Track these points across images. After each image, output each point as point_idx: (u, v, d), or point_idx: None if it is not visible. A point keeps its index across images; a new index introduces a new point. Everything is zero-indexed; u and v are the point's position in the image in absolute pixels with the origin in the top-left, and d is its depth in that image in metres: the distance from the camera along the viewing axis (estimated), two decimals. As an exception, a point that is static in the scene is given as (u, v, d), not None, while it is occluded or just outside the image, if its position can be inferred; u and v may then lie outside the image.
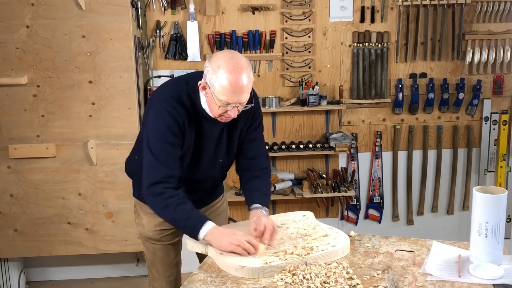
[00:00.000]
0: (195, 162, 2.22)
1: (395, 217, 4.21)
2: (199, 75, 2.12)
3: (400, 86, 3.94)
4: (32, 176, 3.42)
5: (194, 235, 2.05)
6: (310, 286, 1.79)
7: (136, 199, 2.40)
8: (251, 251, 1.98)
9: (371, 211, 4.19)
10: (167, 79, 3.79)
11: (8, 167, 3.40)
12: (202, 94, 2.10)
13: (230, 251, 1.99)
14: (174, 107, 2.08)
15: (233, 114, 2.05)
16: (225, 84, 1.97)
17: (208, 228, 2.03)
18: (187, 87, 2.13)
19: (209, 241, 2.04)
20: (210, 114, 2.11)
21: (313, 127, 4.00)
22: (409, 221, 4.22)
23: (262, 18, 3.81)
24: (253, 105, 2.11)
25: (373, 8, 3.87)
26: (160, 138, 2.08)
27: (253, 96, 2.13)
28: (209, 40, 3.78)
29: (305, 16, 3.83)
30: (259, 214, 2.16)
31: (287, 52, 3.86)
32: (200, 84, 2.06)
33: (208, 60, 2.05)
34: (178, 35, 3.75)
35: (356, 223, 4.18)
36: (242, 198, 2.41)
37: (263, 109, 3.77)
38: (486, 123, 4.09)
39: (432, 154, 4.13)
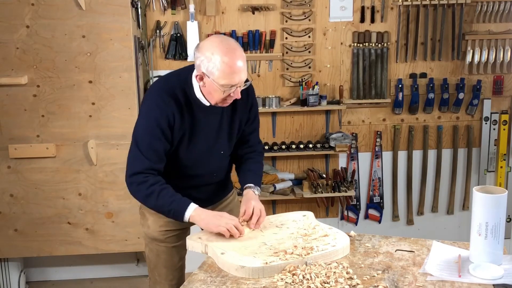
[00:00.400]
0: (193, 154, 2.23)
1: (395, 217, 4.21)
2: (189, 67, 2.17)
3: (400, 86, 3.94)
4: (32, 176, 3.42)
5: (180, 217, 2.11)
6: (310, 286, 1.79)
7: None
8: (236, 236, 2.08)
9: (371, 211, 4.19)
10: (167, 79, 3.82)
11: (8, 167, 3.40)
12: (197, 85, 2.13)
13: (217, 232, 2.09)
14: (164, 100, 2.12)
15: (236, 95, 2.09)
16: (224, 68, 2.00)
17: (192, 209, 2.10)
18: (179, 79, 2.17)
19: (195, 222, 2.13)
20: (206, 103, 2.15)
21: (313, 127, 4.00)
22: (409, 221, 4.22)
23: (262, 18, 3.81)
24: (251, 81, 2.17)
25: (373, 8, 3.87)
26: (147, 131, 2.13)
27: (250, 84, 2.20)
28: (209, 40, 3.78)
29: (305, 16, 3.83)
30: (250, 195, 2.24)
31: (287, 52, 3.86)
32: (196, 76, 2.09)
33: (196, 50, 2.07)
34: (178, 35, 3.75)
35: (356, 223, 4.18)
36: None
37: (263, 109, 3.79)
38: (486, 123, 4.09)
39: (432, 154, 4.13)
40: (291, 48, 3.86)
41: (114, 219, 3.51)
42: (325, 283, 1.81)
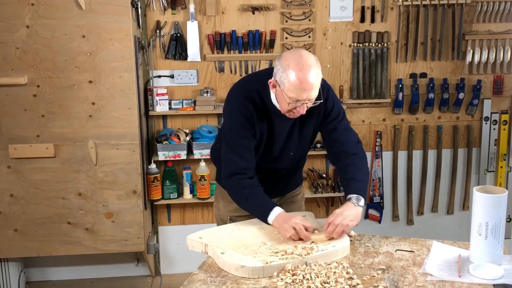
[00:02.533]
0: (266, 153, 2.34)
1: (395, 217, 4.21)
2: (270, 72, 2.22)
3: (400, 86, 3.94)
4: (32, 176, 3.42)
5: (265, 221, 2.23)
6: (310, 286, 1.79)
7: (217, 183, 2.58)
8: (305, 238, 2.10)
9: (371, 211, 4.19)
10: (167, 79, 3.83)
11: (8, 167, 3.40)
12: (272, 91, 2.20)
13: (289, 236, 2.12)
14: (244, 105, 2.22)
15: (301, 110, 2.15)
16: (294, 82, 2.07)
17: (273, 216, 2.19)
18: (258, 84, 2.25)
19: (275, 224, 2.20)
20: (280, 109, 2.22)
21: (313, 127, 3.99)
22: (409, 221, 4.22)
23: (262, 18, 3.80)
24: (321, 101, 2.20)
25: (373, 8, 3.87)
26: (235, 133, 2.26)
27: (326, 91, 2.27)
28: (209, 40, 3.78)
29: (305, 16, 3.83)
30: (345, 206, 2.19)
31: (287, 52, 3.86)
32: (270, 82, 2.18)
33: (278, 59, 2.16)
34: (178, 35, 3.75)
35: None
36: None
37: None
38: (486, 123, 4.09)
39: (432, 154, 4.13)
40: (291, 48, 3.86)
41: (114, 219, 3.51)
42: (325, 283, 1.82)
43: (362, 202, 2.21)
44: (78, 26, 3.28)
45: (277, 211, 2.20)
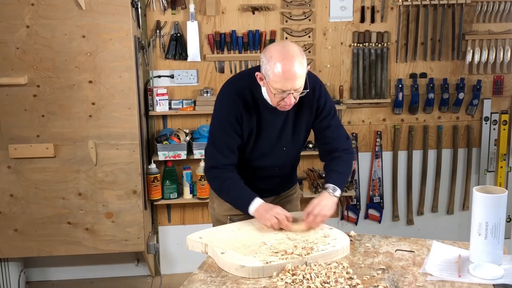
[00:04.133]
0: (259, 148, 2.35)
1: (395, 217, 4.21)
2: (259, 68, 2.24)
3: (400, 86, 3.94)
4: (32, 176, 3.42)
5: (246, 212, 2.28)
6: (310, 286, 1.79)
7: None
8: (286, 226, 2.18)
9: (371, 211, 4.19)
10: (167, 79, 3.83)
11: (8, 167, 3.40)
12: (261, 84, 2.22)
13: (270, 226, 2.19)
14: (233, 102, 2.25)
15: (289, 101, 2.15)
16: (277, 72, 2.09)
17: (254, 206, 2.24)
18: (249, 80, 2.27)
19: (257, 217, 2.25)
20: (271, 103, 2.23)
21: (313, 127, 3.99)
22: (409, 221, 4.22)
23: (262, 18, 3.80)
24: (307, 90, 2.19)
25: (373, 8, 3.87)
26: (221, 130, 2.29)
27: (319, 88, 2.31)
28: (209, 40, 3.78)
29: (305, 16, 3.83)
30: (321, 196, 2.26)
31: (287, 52, 3.85)
32: (257, 75, 2.20)
33: (263, 52, 2.18)
34: (178, 35, 3.75)
35: (356, 223, 4.18)
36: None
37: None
38: (486, 123, 4.09)
39: (432, 154, 4.13)
40: (291, 48, 3.85)
41: (114, 219, 3.51)
42: (325, 283, 1.82)
43: (338, 192, 2.28)
44: (78, 26, 3.28)
45: (258, 202, 2.24)
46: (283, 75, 2.08)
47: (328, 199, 2.24)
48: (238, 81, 2.35)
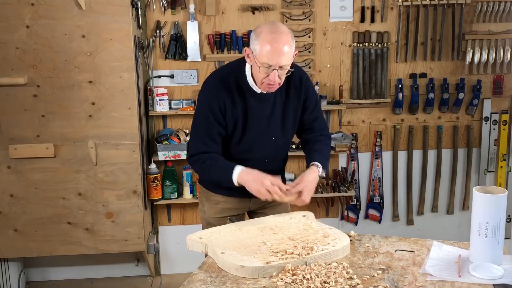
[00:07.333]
0: (246, 139, 2.35)
1: (395, 217, 4.21)
2: (243, 58, 2.28)
3: (400, 86, 3.94)
4: (32, 176, 3.42)
5: (231, 184, 2.24)
6: (310, 286, 1.79)
7: (201, 185, 2.57)
8: (279, 197, 2.18)
9: (371, 211, 4.19)
10: (167, 79, 3.83)
11: (8, 167, 3.40)
12: (249, 72, 2.25)
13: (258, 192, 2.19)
14: (216, 88, 2.27)
15: (273, 77, 2.16)
16: (265, 46, 2.11)
17: (236, 173, 2.22)
18: (232, 68, 2.31)
19: (243, 184, 2.22)
20: (257, 90, 2.26)
21: (313, 127, 3.99)
22: (409, 221, 4.22)
23: (262, 18, 3.80)
24: (293, 70, 2.23)
25: (373, 8, 3.87)
26: (202, 117, 2.29)
27: (306, 79, 2.36)
28: (209, 40, 3.78)
29: (305, 16, 3.83)
30: (310, 170, 2.32)
31: (287, 52, 3.86)
32: (245, 50, 2.22)
33: (253, 30, 2.21)
34: (178, 35, 3.75)
35: (356, 223, 4.18)
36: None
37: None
38: (486, 123, 4.09)
39: (432, 154, 4.14)
40: (291, 48, 3.86)
41: (114, 219, 3.51)
42: (325, 283, 1.81)
43: (323, 173, 2.36)
44: (78, 26, 3.28)
45: (239, 168, 2.23)
46: (271, 48, 2.10)
47: (315, 174, 2.31)
48: (222, 69, 2.40)
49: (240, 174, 2.22)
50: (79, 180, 3.45)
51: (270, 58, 2.12)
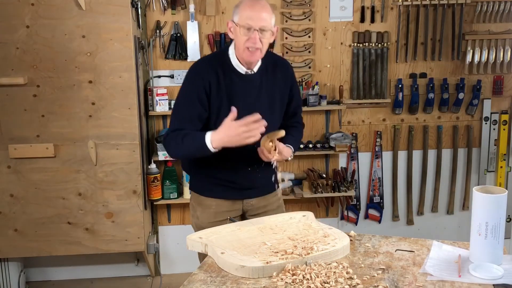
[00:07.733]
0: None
1: (395, 217, 4.21)
2: (229, 43, 2.36)
3: (400, 86, 3.94)
4: (32, 176, 3.42)
5: (207, 151, 2.20)
6: (310, 286, 1.79)
7: (192, 191, 2.56)
8: (258, 129, 2.14)
9: (371, 211, 4.19)
10: (167, 79, 3.83)
11: (8, 167, 3.40)
12: (233, 54, 2.30)
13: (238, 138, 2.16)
14: (202, 67, 2.31)
15: (253, 38, 2.21)
16: (244, 10, 2.22)
17: (208, 137, 2.18)
18: (218, 52, 2.41)
19: (221, 145, 2.18)
20: (242, 71, 2.30)
21: (313, 127, 4.00)
22: (409, 221, 4.22)
23: (262, 18, 3.80)
24: (272, 30, 2.28)
25: (373, 8, 3.87)
26: (184, 97, 2.31)
27: (292, 72, 2.47)
28: (209, 40, 3.78)
29: (305, 16, 3.83)
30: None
31: (287, 52, 3.86)
32: (227, 23, 2.31)
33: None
34: (178, 35, 3.75)
35: (356, 223, 4.18)
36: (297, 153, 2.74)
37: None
38: (486, 123, 4.09)
39: (432, 154, 4.14)
40: (291, 48, 3.86)
41: (114, 219, 3.51)
42: (325, 283, 1.81)
43: (292, 155, 2.44)
44: (78, 26, 3.28)
45: (209, 133, 2.19)
46: (250, 10, 2.20)
47: (290, 152, 2.39)
48: (207, 55, 2.50)
49: (212, 136, 2.17)
50: (79, 180, 3.45)
51: (250, 18, 2.20)
